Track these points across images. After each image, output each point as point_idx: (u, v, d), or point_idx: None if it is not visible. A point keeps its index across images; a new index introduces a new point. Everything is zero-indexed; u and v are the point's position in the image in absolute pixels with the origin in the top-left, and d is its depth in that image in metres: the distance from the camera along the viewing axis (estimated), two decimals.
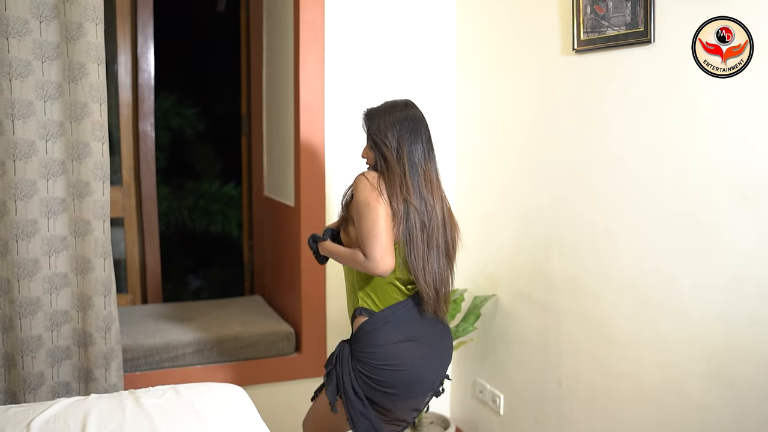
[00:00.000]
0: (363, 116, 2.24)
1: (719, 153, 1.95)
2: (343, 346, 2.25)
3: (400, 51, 3.20)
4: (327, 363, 2.29)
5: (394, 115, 2.15)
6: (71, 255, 2.73)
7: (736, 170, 1.90)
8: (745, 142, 1.87)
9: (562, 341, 2.64)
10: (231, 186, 6.91)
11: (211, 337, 3.09)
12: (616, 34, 2.29)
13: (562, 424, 2.65)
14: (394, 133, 2.13)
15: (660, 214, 2.16)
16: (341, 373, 2.21)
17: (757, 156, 1.84)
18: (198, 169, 6.99)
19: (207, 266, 7.00)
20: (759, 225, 1.84)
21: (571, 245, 2.57)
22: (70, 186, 2.70)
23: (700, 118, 2.01)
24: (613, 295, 2.37)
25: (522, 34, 2.83)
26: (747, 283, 1.88)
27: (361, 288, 2.21)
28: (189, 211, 6.70)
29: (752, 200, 1.85)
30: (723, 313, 1.95)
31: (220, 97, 6.85)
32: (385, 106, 2.20)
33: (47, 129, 2.64)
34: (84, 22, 2.61)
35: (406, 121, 2.14)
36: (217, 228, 6.84)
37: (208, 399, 2.36)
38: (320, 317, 3.19)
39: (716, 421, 1.99)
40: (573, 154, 2.54)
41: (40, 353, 2.69)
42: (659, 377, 2.19)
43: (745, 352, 1.89)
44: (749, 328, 1.88)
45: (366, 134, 2.22)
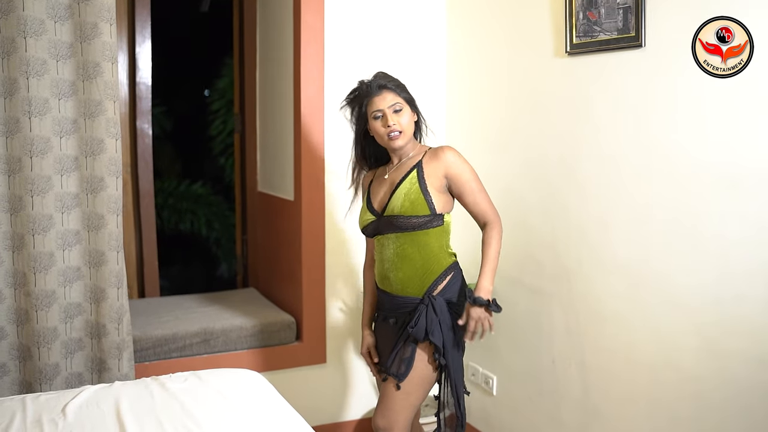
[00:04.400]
0: (399, 87, 2.38)
1: (707, 147, 2.14)
2: (433, 318, 2.31)
3: (394, 51, 3.35)
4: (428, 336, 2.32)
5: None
6: (84, 249, 2.81)
7: (725, 164, 2.08)
8: (737, 137, 2.04)
9: (554, 323, 2.82)
10: (199, 184, 6.97)
11: (217, 327, 3.20)
12: (608, 38, 2.48)
13: (557, 401, 2.83)
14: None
15: (650, 203, 2.35)
16: (445, 337, 2.32)
17: (749, 150, 2.00)
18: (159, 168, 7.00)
19: (180, 264, 7.03)
20: (744, 211, 2.04)
21: (563, 234, 2.75)
22: (84, 181, 2.78)
23: (690, 115, 2.19)
24: (606, 278, 2.55)
25: (513, 39, 3.00)
26: (734, 263, 2.07)
27: (429, 254, 2.36)
28: (158, 209, 6.72)
29: (739, 189, 2.03)
30: (712, 291, 2.14)
31: (188, 96, 6.90)
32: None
33: (62, 126, 2.71)
34: (99, 23, 2.69)
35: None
36: (186, 226, 6.89)
37: (230, 383, 2.48)
38: (320, 307, 3.32)
39: (708, 391, 2.18)
40: (566, 150, 2.72)
41: (55, 345, 2.77)
42: (652, 352, 2.37)
43: (734, 325, 2.08)
44: (737, 303, 2.07)
45: (405, 102, 2.36)
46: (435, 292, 2.35)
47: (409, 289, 2.37)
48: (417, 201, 2.31)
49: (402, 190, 2.34)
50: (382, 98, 2.33)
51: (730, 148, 2.07)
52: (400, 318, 2.41)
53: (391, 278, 2.40)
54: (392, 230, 2.36)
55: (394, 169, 2.43)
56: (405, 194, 2.33)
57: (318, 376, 3.36)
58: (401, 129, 2.32)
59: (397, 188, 2.35)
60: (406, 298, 2.38)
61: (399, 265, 2.37)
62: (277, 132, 3.59)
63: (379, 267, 2.45)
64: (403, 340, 2.38)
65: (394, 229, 2.36)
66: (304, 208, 3.24)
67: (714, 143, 2.12)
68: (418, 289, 2.36)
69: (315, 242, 3.28)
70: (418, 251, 2.35)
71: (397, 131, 2.32)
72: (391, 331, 2.45)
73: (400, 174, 2.39)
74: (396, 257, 2.37)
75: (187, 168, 7.19)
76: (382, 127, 2.33)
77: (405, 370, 2.35)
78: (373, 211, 2.43)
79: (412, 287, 2.37)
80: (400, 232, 2.35)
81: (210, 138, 6.80)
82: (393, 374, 2.37)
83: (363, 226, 2.47)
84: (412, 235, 2.34)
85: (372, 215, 2.43)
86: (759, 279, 2.01)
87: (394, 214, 2.34)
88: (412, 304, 2.36)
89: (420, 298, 2.35)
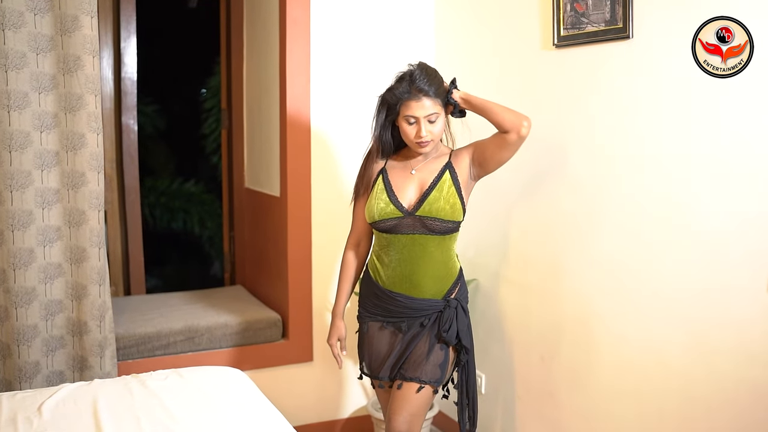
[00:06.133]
0: (438, 90, 2.22)
1: (697, 142, 2.11)
2: (464, 321, 2.34)
3: (381, 46, 3.31)
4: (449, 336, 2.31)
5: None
6: (65, 245, 2.77)
7: (714, 159, 2.05)
8: (735, 135, 2.01)
9: (543, 320, 2.79)
10: (192, 183, 6.93)
11: (201, 324, 3.16)
12: (596, 30, 2.44)
13: (545, 399, 2.80)
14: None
15: (640, 198, 2.32)
16: (465, 334, 2.33)
17: (748, 149, 1.97)
18: (155, 166, 6.97)
19: (171, 263, 7.00)
20: (732, 204, 2.01)
21: (552, 229, 2.72)
22: (65, 176, 2.74)
23: (679, 110, 2.16)
24: (594, 274, 2.52)
25: (501, 32, 2.96)
26: (721, 257, 2.05)
27: (450, 258, 2.34)
28: (150, 208, 6.70)
29: (729, 185, 2.01)
30: (699, 286, 2.12)
31: (182, 94, 6.86)
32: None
33: (42, 120, 2.67)
34: (80, 15, 2.66)
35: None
36: (178, 225, 6.85)
37: (211, 380, 2.44)
38: (306, 304, 3.28)
39: (695, 387, 2.15)
40: (553, 143, 2.68)
41: (36, 342, 2.73)
42: (639, 348, 2.34)
43: (721, 319, 2.05)
44: (725, 297, 2.04)
45: (441, 108, 2.24)
46: (453, 295, 2.34)
47: (432, 292, 2.31)
48: (456, 205, 2.26)
49: (440, 192, 2.26)
50: (420, 105, 2.19)
51: (720, 144, 2.04)
52: (415, 321, 2.33)
53: (414, 281, 2.30)
54: (421, 231, 2.27)
55: (421, 164, 2.33)
56: (444, 197, 2.25)
57: (305, 375, 3.32)
58: (433, 138, 2.23)
59: (433, 188, 2.26)
60: (429, 300, 2.31)
61: (425, 268, 2.29)
62: (264, 127, 3.55)
63: (395, 268, 2.32)
64: (430, 343, 2.31)
65: (424, 230, 2.27)
66: (290, 203, 3.20)
67: (703, 138, 2.09)
68: (438, 292, 2.32)
69: (301, 238, 3.23)
70: (441, 254, 2.31)
71: (427, 141, 2.23)
72: (390, 336, 2.38)
73: (430, 172, 2.31)
74: (421, 259, 2.28)
75: (181, 166, 7.16)
76: (412, 133, 2.22)
77: (441, 375, 2.31)
78: (400, 207, 2.29)
79: (434, 290, 2.31)
80: (432, 234, 2.27)
81: (203, 136, 6.77)
82: (426, 381, 2.29)
83: (382, 218, 2.30)
84: (440, 238, 2.28)
85: (398, 211, 2.28)
86: (746, 274, 1.98)
87: (432, 216, 2.25)
88: (435, 307, 2.32)
89: (440, 301, 2.32)
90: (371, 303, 2.41)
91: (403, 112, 2.21)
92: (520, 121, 2.19)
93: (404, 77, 2.23)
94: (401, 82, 2.22)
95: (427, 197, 2.26)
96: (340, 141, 3.26)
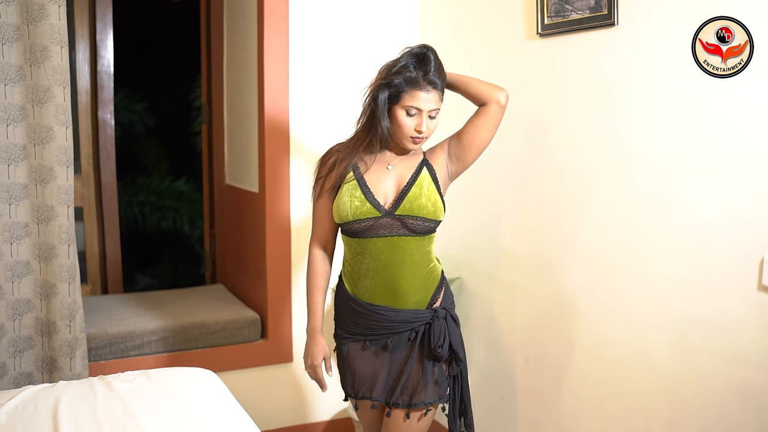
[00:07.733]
0: (443, 84, 2.05)
1: (686, 133, 2.04)
2: (455, 332, 2.14)
3: (363, 36, 3.22)
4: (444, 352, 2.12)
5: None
6: (34, 242, 2.68)
7: (704, 155, 1.98)
8: (733, 134, 1.94)
9: (527, 319, 2.70)
10: (182, 182, 6.84)
11: (177, 324, 3.07)
12: (580, 17, 2.36)
13: (530, 401, 2.72)
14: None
15: (626, 192, 2.24)
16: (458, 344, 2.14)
17: (746, 147, 1.90)
18: (145, 164, 6.90)
19: (160, 262, 6.92)
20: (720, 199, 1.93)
21: (536, 226, 2.63)
22: (32, 171, 2.64)
23: (667, 104, 2.08)
24: (579, 271, 2.44)
25: (484, 22, 2.88)
26: (709, 254, 1.97)
27: (431, 261, 2.15)
28: (140, 207, 6.62)
29: (717, 180, 1.93)
30: (686, 283, 2.04)
31: (171, 92, 6.77)
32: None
33: (8, 113, 2.58)
34: (46, 4, 2.56)
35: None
36: (168, 224, 6.77)
37: (180, 382, 2.36)
38: (286, 304, 3.19)
39: (680, 387, 2.08)
40: (538, 136, 2.60)
41: (2, 343, 2.64)
42: (625, 348, 2.26)
43: (707, 319, 1.97)
44: (711, 297, 1.96)
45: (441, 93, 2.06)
46: (437, 303, 2.14)
47: (416, 300, 2.11)
48: (438, 203, 2.07)
49: (420, 189, 2.06)
50: (428, 98, 1.99)
51: (716, 142, 1.96)
52: (401, 337, 2.12)
53: (396, 289, 2.08)
54: (400, 232, 2.06)
55: (397, 160, 2.13)
56: (426, 194, 2.06)
57: (284, 376, 3.22)
58: (428, 135, 2.06)
59: (412, 185, 2.07)
60: (415, 311, 2.10)
61: (407, 274, 2.08)
62: (243, 122, 3.46)
63: (373, 277, 2.10)
64: (425, 363, 2.11)
65: (404, 232, 2.06)
66: (268, 199, 3.11)
67: (696, 134, 2.01)
68: (423, 299, 2.12)
69: (280, 235, 3.14)
70: (422, 257, 2.11)
71: (423, 137, 2.05)
72: (374, 356, 2.16)
73: (407, 168, 2.11)
74: (402, 265, 2.07)
75: (172, 165, 7.07)
76: (411, 126, 2.02)
77: (444, 390, 2.15)
78: (377, 206, 2.06)
79: (418, 297, 2.11)
80: (412, 235, 2.07)
81: (193, 134, 6.68)
82: (431, 402, 2.12)
83: (356, 218, 2.06)
84: (420, 239, 2.09)
85: (375, 210, 2.06)
86: (734, 272, 1.90)
87: (413, 215, 2.05)
88: (421, 319, 2.11)
89: (427, 311, 2.12)
90: (350, 322, 2.17)
91: (406, 101, 1.99)
92: (498, 89, 2.10)
93: (415, 62, 2.00)
94: (409, 67, 1.99)
95: (407, 194, 2.06)
96: (320, 135, 3.16)
